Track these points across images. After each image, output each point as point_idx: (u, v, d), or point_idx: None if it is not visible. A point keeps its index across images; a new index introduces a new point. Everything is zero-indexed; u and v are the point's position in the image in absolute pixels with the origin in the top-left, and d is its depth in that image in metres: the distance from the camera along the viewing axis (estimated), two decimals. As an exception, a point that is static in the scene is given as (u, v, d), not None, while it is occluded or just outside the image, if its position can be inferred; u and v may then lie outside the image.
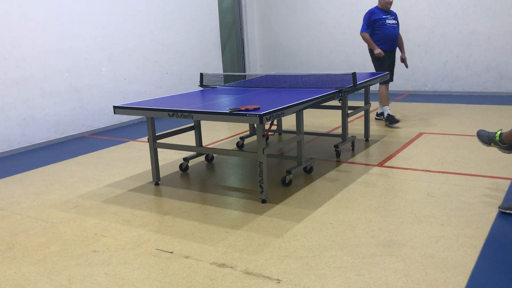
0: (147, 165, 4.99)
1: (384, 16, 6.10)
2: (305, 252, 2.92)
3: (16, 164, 5.45)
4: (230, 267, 2.80)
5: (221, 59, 9.37)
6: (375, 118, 6.69)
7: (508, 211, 3.32)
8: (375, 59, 6.23)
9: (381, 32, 6.10)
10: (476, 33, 8.29)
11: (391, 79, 6.31)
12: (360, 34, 6.20)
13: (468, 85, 8.55)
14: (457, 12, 8.38)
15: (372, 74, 5.66)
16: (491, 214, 3.34)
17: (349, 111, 5.08)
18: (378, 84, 7.50)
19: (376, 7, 6.19)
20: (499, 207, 3.39)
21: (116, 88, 7.30)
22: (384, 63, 6.23)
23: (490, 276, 2.55)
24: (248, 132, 5.93)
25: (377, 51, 6.06)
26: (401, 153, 4.98)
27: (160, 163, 4.65)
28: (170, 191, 4.22)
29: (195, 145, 4.91)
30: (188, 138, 5.75)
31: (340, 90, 4.52)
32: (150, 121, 4.26)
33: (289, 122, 6.58)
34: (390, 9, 6.26)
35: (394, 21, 6.17)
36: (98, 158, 5.53)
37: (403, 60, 6.50)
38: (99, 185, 4.50)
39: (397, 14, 6.46)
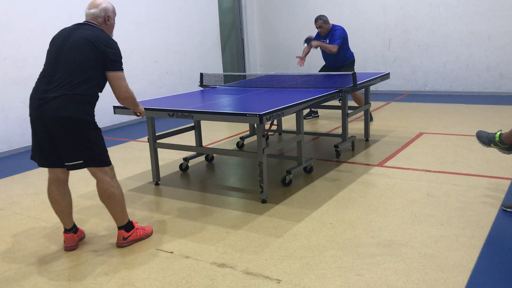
0: (147, 165, 4.99)
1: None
2: (305, 252, 2.92)
3: (16, 164, 5.45)
4: (230, 267, 2.80)
5: (221, 59, 9.37)
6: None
7: (509, 210, 3.33)
8: None
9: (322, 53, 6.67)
10: (476, 33, 8.29)
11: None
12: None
13: (468, 85, 8.54)
14: (457, 12, 8.37)
15: (372, 74, 5.66)
16: (491, 214, 3.34)
17: (349, 111, 5.08)
18: (377, 84, 7.50)
19: (318, 32, 6.65)
20: (501, 205, 3.42)
21: (116, 88, 7.29)
22: None
23: (490, 276, 2.55)
24: (248, 132, 5.93)
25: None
26: (401, 153, 4.98)
27: (160, 163, 4.64)
28: (170, 191, 4.21)
29: (195, 145, 4.91)
30: (188, 138, 5.74)
31: (340, 90, 4.52)
32: (150, 121, 4.27)
33: (289, 122, 6.58)
34: (335, 24, 6.54)
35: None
36: (98, 158, 5.51)
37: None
38: (99, 185, 4.49)
39: (342, 29, 6.39)
